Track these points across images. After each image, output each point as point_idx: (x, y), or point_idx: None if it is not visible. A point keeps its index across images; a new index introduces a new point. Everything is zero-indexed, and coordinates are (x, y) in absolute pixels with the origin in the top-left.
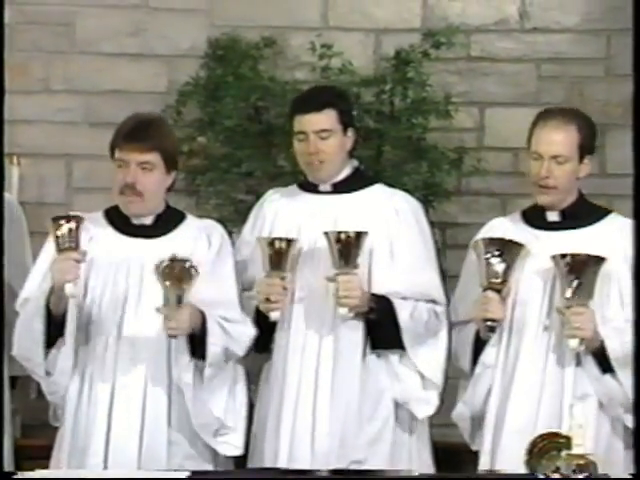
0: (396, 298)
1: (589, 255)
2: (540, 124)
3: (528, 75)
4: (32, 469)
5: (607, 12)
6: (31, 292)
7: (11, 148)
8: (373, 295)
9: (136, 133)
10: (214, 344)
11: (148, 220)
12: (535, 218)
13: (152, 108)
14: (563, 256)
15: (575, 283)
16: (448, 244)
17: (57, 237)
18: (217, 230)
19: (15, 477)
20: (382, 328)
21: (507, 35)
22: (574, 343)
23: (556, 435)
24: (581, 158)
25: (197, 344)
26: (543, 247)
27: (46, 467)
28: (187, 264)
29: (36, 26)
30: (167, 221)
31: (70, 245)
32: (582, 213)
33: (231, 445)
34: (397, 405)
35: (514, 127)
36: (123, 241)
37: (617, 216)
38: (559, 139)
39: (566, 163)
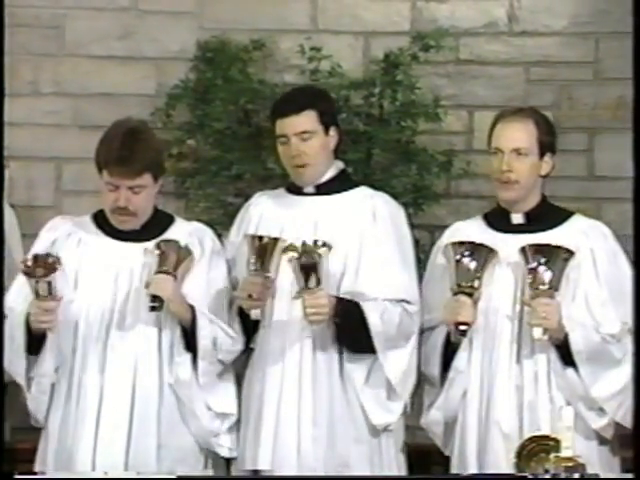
0: (365, 300)
1: (558, 246)
2: (499, 123)
3: (517, 78)
4: (19, 471)
5: (595, 15)
6: (15, 301)
7: None
8: (341, 299)
9: (125, 157)
10: (204, 337)
11: (136, 225)
12: (499, 221)
13: (141, 111)
14: (532, 246)
15: (542, 274)
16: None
17: (34, 282)
18: (208, 234)
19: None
20: (351, 332)
21: (496, 38)
22: (538, 332)
23: (545, 437)
24: (541, 154)
25: (189, 338)
26: (509, 250)
27: (32, 470)
28: (187, 251)
29: (25, 29)
30: (155, 224)
31: (45, 293)
32: (546, 215)
33: (225, 447)
34: (362, 411)
35: None
36: (111, 245)
37: (580, 217)
38: (518, 133)
39: (526, 157)
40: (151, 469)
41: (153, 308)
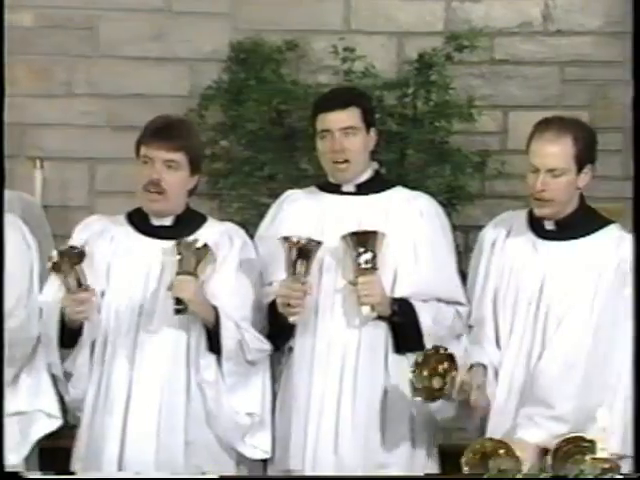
0: (418, 301)
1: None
2: (536, 136)
3: (551, 78)
4: (56, 471)
5: (630, 14)
6: (47, 296)
7: (34, 152)
8: (395, 299)
9: (164, 131)
10: (227, 337)
11: (168, 221)
12: (535, 224)
13: (174, 112)
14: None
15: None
16: (471, 247)
17: (63, 276)
18: (238, 233)
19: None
20: (404, 331)
21: (531, 38)
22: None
23: (580, 439)
24: (580, 168)
25: (212, 339)
26: (538, 258)
27: (68, 468)
28: (202, 243)
29: (59, 30)
30: (187, 223)
31: (76, 286)
32: (579, 223)
33: (259, 449)
34: (417, 407)
35: None
36: (143, 242)
37: (616, 228)
38: (554, 152)
39: (562, 176)
40: (179, 466)
41: (178, 311)
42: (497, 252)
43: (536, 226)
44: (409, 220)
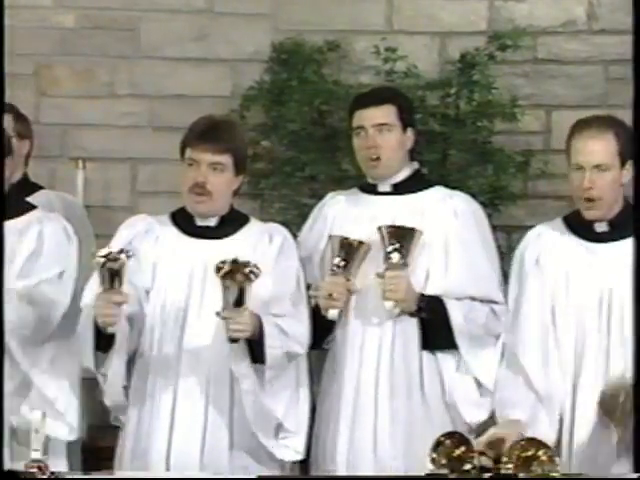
0: (450, 298)
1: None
2: (577, 135)
3: (596, 77)
4: (98, 470)
5: None
6: (88, 298)
7: (77, 152)
8: (424, 295)
9: (210, 133)
10: (272, 347)
11: (212, 222)
12: (582, 229)
13: (216, 112)
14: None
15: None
16: (514, 248)
17: (102, 274)
18: (279, 231)
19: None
20: (433, 328)
21: (574, 37)
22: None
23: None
24: (622, 164)
25: (256, 348)
26: (597, 262)
27: (111, 468)
28: (248, 268)
29: (101, 31)
30: (231, 223)
31: (113, 285)
32: (630, 222)
33: (291, 450)
34: (447, 408)
35: None
36: (187, 242)
37: None
38: (598, 148)
39: (607, 172)
40: (224, 468)
41: (233, 341)
42: (545, 268)
43: (582, 230)
44: (443, 219)
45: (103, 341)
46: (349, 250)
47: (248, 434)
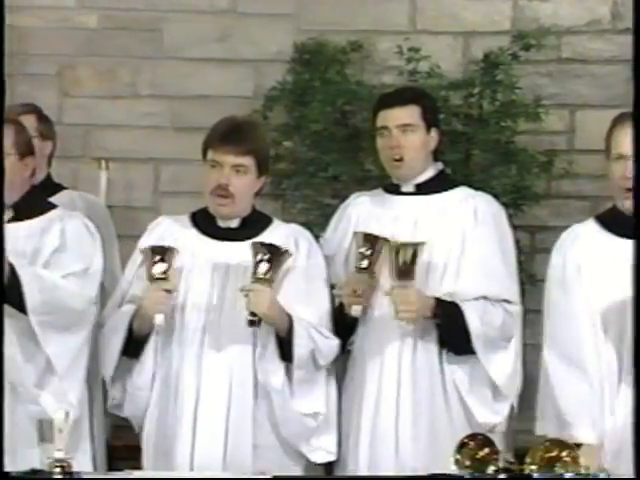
0: (465, 300)
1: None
2: (617, 126)
3: (620, 76)
4: (120, 469)
5: None
6: (116, 303)
7: (99, 152)
8: (441, 300)
9: (232, 135)
10: (300, 345)
11: (234, 223)
12: (619, 225)
13: (238, 113)
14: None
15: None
16: (537, 248)
17: (151, 267)
18: (304, 235)
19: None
20: (450, 333)
21: (599, 36)
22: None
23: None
24: None
25: (285, 347)
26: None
27: (137, 467)
28: (284, 249)
29: (124, 32)
30: (253, 225)
31: (163, 276)
32: None
33: (324, 451)
34: (464, 410)
35: (605, 129)
36: (208, 244)
37: None
38: None
39: None
40: (247, 469)
41: (252, 323)
42: (587, 270)
43: (617, 227)
44: (462, 219)
45: (132, 346)
46: (374, 246)
47: (272, 434)
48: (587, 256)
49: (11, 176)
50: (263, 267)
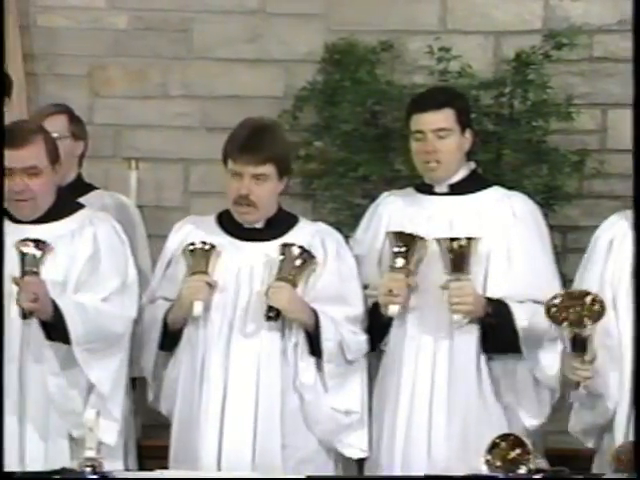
0: (513, 302)
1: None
2: None
3: None
4: (151, 469)
5: None
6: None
7: (130, 152)
8: (489, 299)
9: (250, 145)
10: (328, 339)
11: (259, 224)
12: None
13: (269, 113)
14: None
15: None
16: (569, 248)
17: (191, 261)
18: (331, 234)
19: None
20: (499, 333)
21: (631, 35)
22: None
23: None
24: None
25: (313, 342)
26: None
27: (166, 467)
28: (309, 253)
29: (154, 32)
30: (279, 224)
31: (203, 269)
32: None
33: (356, 448)
34: (507, 411)
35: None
36: (234, 244)
37: None
38: None
39: None
40: (276, 469)
41: (269, 317)
42: (614, 253)
43: None
44: (502, 220)
45: (168, 339)
46: (408, 245)
47: (301, 433)
48: (620, 239)
49: (47, 187)
50: (287, 267)
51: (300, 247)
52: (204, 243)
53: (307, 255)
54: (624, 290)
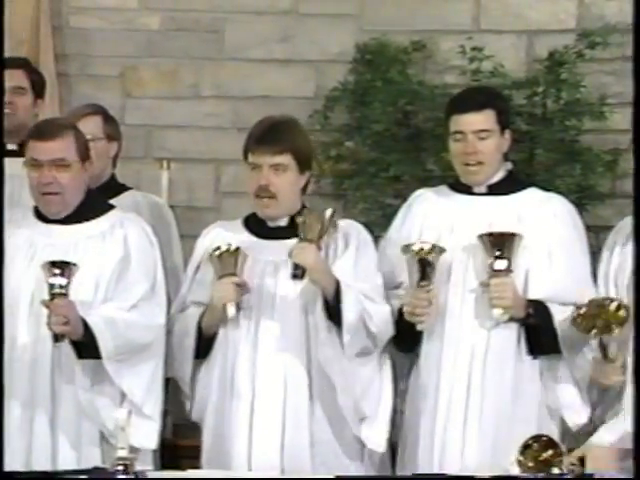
0: (554, 303)
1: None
2: None
3: None
4: (184, 468)
5: None
6: (179, 307)
7: (161, 153)
8: (531, 301)
9: (267, 136)
10: (349, 310)
11: (283, 222)
12: None
13: (300, 113)
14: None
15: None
16: (602, 248)
17: (218, 265)
18: (354, 229)
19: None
20: (539, 334)
21: None
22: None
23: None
24: None
25: (332, 312)
26: None
27: (197, 467)
28: (333, 218)
29: (185, 33)
30: None
31: (232, 271)
32: None
33: (373, 441)
34: (550, 412)
35: None
36: (259, 244)
37: None
38: None
39: None
40: (305, 465)
41: (295, 276)
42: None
43: None
44: (543, 222)
45: (203, 346)
46: (426, 260)
47: (329, 430)
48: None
49: (76, 182)
50: (310, 230)
51: (321, 212)
52: (229, 245)
53: (329, 220)
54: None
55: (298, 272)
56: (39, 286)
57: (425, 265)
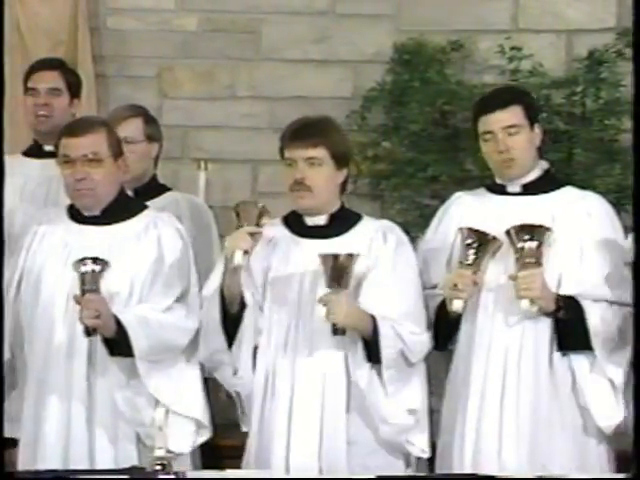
0: (587, 300)
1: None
2: None
3: None
4: (224, 469)
5: None
6: (210, 290)
7: (198, 153)
8: (561, 296)
9: (301, 131)
10: (387, 346)
11: (322, 220)
12: None
13: (336, 114)
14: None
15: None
16: None
17: (238, 222)
18: (393, 229)
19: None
20: (570, 329)
21: None
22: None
23: None
24: None
25: (372, 348)
26: None
27: (237, 467)
28: (351, 255)
29: (222, 34)
30: (342, 222)
31: (249, 223)
32: None
33: (417, 448)
34: (584, 410)
35: None
36: (299, 243)
37: None
38: None
39: None
40: (342, 466)
41: (335, 332)
42: None
43: None
44: (576, 221)
45: (229, 323)
46: (480, 242)
47: (366, 431)
48: None
49: (108, 178)
50: (334, 275)
51: (338, 255)
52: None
53: (347, 258)
54: None
55: (337, 330)
56: (74, 286)
57: (476, 247)
